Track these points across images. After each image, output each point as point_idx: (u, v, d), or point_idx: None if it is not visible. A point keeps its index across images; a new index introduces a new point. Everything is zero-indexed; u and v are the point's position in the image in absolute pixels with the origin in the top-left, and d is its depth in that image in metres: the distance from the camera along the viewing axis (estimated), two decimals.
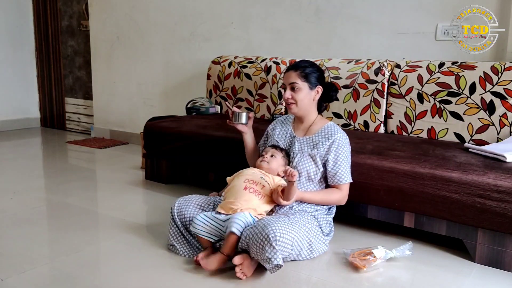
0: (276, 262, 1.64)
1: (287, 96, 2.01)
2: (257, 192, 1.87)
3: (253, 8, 3.49)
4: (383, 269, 1.86)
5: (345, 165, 1.99)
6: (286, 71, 2.06)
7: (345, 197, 2.03)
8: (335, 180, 1.99)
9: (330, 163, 1.98)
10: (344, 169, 1.98)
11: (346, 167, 2.00)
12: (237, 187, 1.89)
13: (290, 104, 2.02)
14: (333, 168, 1.98)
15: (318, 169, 1.98)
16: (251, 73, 3.23)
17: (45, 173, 3.42)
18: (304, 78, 1.99)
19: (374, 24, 3.00)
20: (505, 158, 1.98)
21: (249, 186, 1.88)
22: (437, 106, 2.54)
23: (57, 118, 5.22)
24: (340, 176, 1.98)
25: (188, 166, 2.91)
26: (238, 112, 2.13)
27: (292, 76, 2.00)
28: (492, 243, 1.89)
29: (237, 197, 1.86)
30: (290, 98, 2.01)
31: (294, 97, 2.00)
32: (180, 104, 3.69)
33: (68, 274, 1.76)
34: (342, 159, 1.98)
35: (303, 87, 2.00)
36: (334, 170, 1.98)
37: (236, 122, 2.14)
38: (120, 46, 4.36)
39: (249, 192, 1.86)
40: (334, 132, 2.02)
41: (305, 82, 2.00)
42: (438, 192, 1.94)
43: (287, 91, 2.02)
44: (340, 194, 2.00)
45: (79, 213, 2.46)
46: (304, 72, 1.99)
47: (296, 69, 2.01)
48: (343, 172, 1.98)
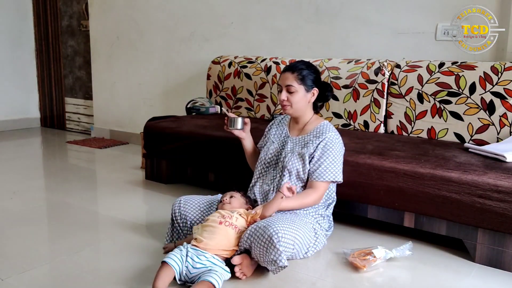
0: (281, 263, 1.64)
1: (282, 98, 2.00)
2: (233, 225, 1.77)
3: (253, 8, 3.49)
4: (383, 269, 1.86)
5: (328, 163, 1.96)
6: (282, 72, 2.05)
7: (321, 197, 1.98)
8: (314, 176, 1.95)
9: (314, 160, 1.96)
10: (325, 167, 1.95)
11: (329, 166, 1.96)
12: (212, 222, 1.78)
13: (285, 106, 2.02)
14: (314, 164, 1.96)
15: (305, 168, 1.97)
16: (251, 73, 3.24)
17: (45, 173, 3.42)
18: (301, 80, 1.98)
19: (374, 24, 3.00)
20: (505, 158, 1.98)
21: (224, 220, 1.78)
22: (437, 106, 2.54)
23: (57, 118, 5.22)
24: (320, 173, 1.95)
25: (188, 166, 2.91)
26: (234, 117, 2.13)
27: (289, 78, 1.99)
28: (492, 243, 1.89)
29: (214, 232, 1.74)
30: (285, 100, 2.01)
31: (290, 100, 2.00)
32: (180, 104, 3.69)
33: (68, 274, 1.76)
34: (327, 157, 1.96)
35: (299, 90, 1.99)
36: (315, 166, 1.96)
37: (232, 127, 2.14)
38: (120, 46, 4.36)
39: (224, 225, 1.76)
40: (325, 131, 2.01)
41: (301, 85, 1.99)
42: (438, 192, 1.94)
43: (283, 93, 2.01)
44: (316, 194, 1.96)
45: (79, 213, 2.46)
46: (301, 74, 1.98)
47: (293, 71, 1.99)
48: (323, 170, 1.95)
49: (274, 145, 2.11)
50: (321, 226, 1.99)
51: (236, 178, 2.53)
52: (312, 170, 1.97)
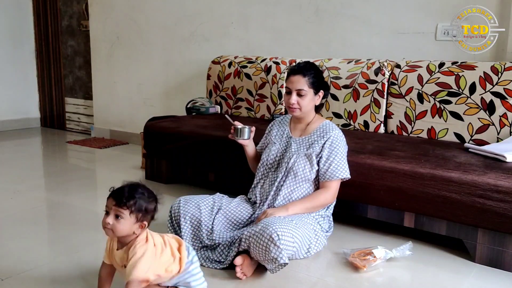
0: (282, 261, 1.64)
1: (292, 101, 1.99)
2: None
3: (253, 8, 3.49)
4: (383, 269, 1.86)
5: (337, 161, 1.97)
6: (293, 74, 2.02)
7: (334, 195, 2.00)
8: (326, 177, 1.97)
9: (323, 160, 1.97)
10: (336, 166, 1.96)
11: (339, 164, 1.97)
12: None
13: (294, 109, 2.02)
14: (325, 164, 1.97)
15: (313, 168, 1.98)
16: (251, 73, 3.23)
17: (45, 173, 3.42)
18: (311, 84, 1.99)
19: (374, 24, 3.00)
20: (505, 158, 1.98)
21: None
22: (437, 106, 2.54)
23: (57, 118, 5.22)
24: (331, 172, 1.96)
25: (188, 166, 2.91)
26: (241, 127, 2.11)
27: (300, 82, 1.99)
28: (492, 243, 1.89)
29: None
30: (295, 104, 2.01)
31: (300, 103, 2.00)
32: (180, 104, 3.69)
33: (68, 274, 1.76)
34: (335, 156, 1.98)
35: (309, 93, 2.00)
36: (326, 166, 1.97)
37: (238, 138, 2.13)
38: (120, 46, 4.36)
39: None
40: (329, 130, 2.02)
41: (311, 88, 2.00)
42: (438, 192, 1.94)
43: (294, 96, 1.99)
44: (327, 194, 1.98)
45: (79, 213, 2.46)
46: (312, 78, 1.99)
47: (305, 75, 1.99)
48: (334, 168, 1.96)
49: (276, 146, 2.11)
50: (321, 227, 2.00)
51: (236, 178, 2.53)
52: (323, 171, 1.97)
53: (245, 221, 2.00)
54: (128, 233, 1.41)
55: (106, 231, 1.40)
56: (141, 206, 1.41)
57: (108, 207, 1.40)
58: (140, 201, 1.41)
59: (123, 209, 1.38)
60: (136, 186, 1.45)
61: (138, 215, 1.40)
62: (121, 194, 1.39)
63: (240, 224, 1.99)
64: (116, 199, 1.39)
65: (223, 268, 1.80)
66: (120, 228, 1.38)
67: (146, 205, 1.42)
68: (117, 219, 1.38)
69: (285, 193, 1.98)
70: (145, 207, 1.42)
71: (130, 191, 1.41)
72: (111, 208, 1.39)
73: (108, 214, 1.39)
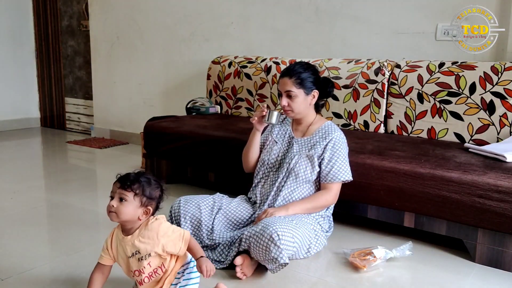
0: (282, 261, 1.64)
1: (283, 104, 2.00)
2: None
3: (253, 8, 3.49)
4: (383, 269, 1.86)
5: (340, 163, 1.97)
6: (280, 77, 2.03)
7: (335, 197, 2.00)
8: (328, 179, 1.97)
9: (325, 161, 1.97)
10: (338, 168, 1.96)
11: (341, 166, 1.97)
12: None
13: (287, 111, 2.02)
14: (327, 166, 1.97)
15: (314, 169, 1.98)
16: (251, 73, 3.23)
17: (45, 173, 3.42)
18: (299, 84, 1.97)
19: (374, 24, 3.00)
20: (505, 158, 1.98)
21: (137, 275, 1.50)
22: (437, 106, 2.54)
23: (57, 118, 5.22)
24: (333, 174, 1.96)
25: (188, 166, 2.91)
26: (273, 111, 2.05)
27: (287, 84, 1.98)
28: (492, 243, 1.89)
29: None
30: (286, 106, 2.00)
31: (291, 105, 2.00)
32: (180, 104, 3.68)
33: (68, 274, 1.76)
34: (337, 157, 1.97)
35: (299, 94, 1.98)
36: (328, 168, 1.97)
37: (267, 120, 2.07)
38: (120, 46, 4.36)
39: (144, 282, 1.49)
40: (331, 132, 2.02)
41: (300, 89, 1.98)
42: (438, 192, 1.94)
43: (284, 99, 2.00)
44: (328, 195, 1.97)
45: (79, 213, 2.46)
46: (299, 78, 1.97)
47: (291, 76, 1.98)
48: (336, 171, 1.96)
49: (277, 146, 2.11)
50: (322, 227, 2.00)
51: (236, 178, 2.53)
52: (325, 173, 1.97)
53: (245, 221, 2.00)
54: (132, 218, 1.41)
55: (110, 216, 1.41)
56: (145, 190, 1.42)
57: (113, 191, 1.42)
58: (144, 185, 1.42)
59: (127, 191, 1.39)
60: (142, 173, 1.48)
61: (142, 199, 1.41)
62: (126, 178, 1.42)
63: (240, 224, 1.99)
64: (121, 182, 1.41)
65: (223, 268, 1.80)
66: (124, 211, 1.39)
67: (150, 190, 1.44)
68: (121, 202, 1.39)
69: (286, 194, 1.98)
70: (150, 192, 1.43)
71: (136, 175, 1.44)
72: (116, 191, 1.41)
73: (113, 198, 1.41)
